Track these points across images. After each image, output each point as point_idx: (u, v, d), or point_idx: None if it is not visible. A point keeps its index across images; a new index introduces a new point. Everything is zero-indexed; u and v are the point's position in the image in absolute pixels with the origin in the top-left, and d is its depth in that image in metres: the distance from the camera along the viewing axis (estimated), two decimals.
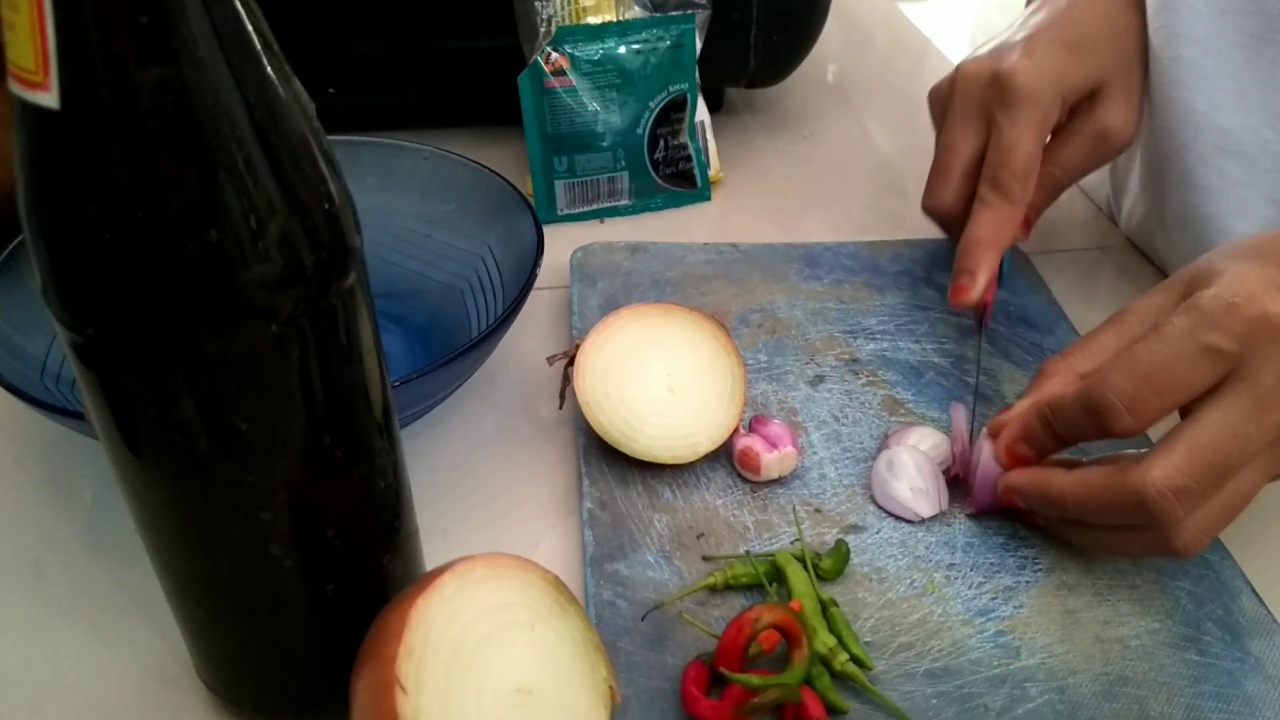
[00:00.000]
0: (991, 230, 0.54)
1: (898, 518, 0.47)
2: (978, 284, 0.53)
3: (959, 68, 0.57)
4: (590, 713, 0.34)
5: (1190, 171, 0.57)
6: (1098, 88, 0.55)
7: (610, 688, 0.35)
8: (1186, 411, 0.40)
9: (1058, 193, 0.57)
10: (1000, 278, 0.56)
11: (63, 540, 0.47)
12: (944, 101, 0.57)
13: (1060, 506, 0.43)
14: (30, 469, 0.51)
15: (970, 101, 0.56)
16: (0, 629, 0.43)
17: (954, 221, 0.57)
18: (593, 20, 0.65)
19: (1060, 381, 0.44)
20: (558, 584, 0.36)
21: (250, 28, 0.26)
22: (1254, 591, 0.44)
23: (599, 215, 0.69)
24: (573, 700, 0.34)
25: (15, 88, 0.25)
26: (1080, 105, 0.56)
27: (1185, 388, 0.39)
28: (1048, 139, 0.55)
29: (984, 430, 0.47)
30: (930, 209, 0.58)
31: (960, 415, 0.50)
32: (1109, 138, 0.55)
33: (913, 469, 0.47)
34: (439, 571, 0.34)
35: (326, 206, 0.29)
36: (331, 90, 0.69)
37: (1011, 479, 0.45)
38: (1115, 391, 0.39)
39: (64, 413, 0.41)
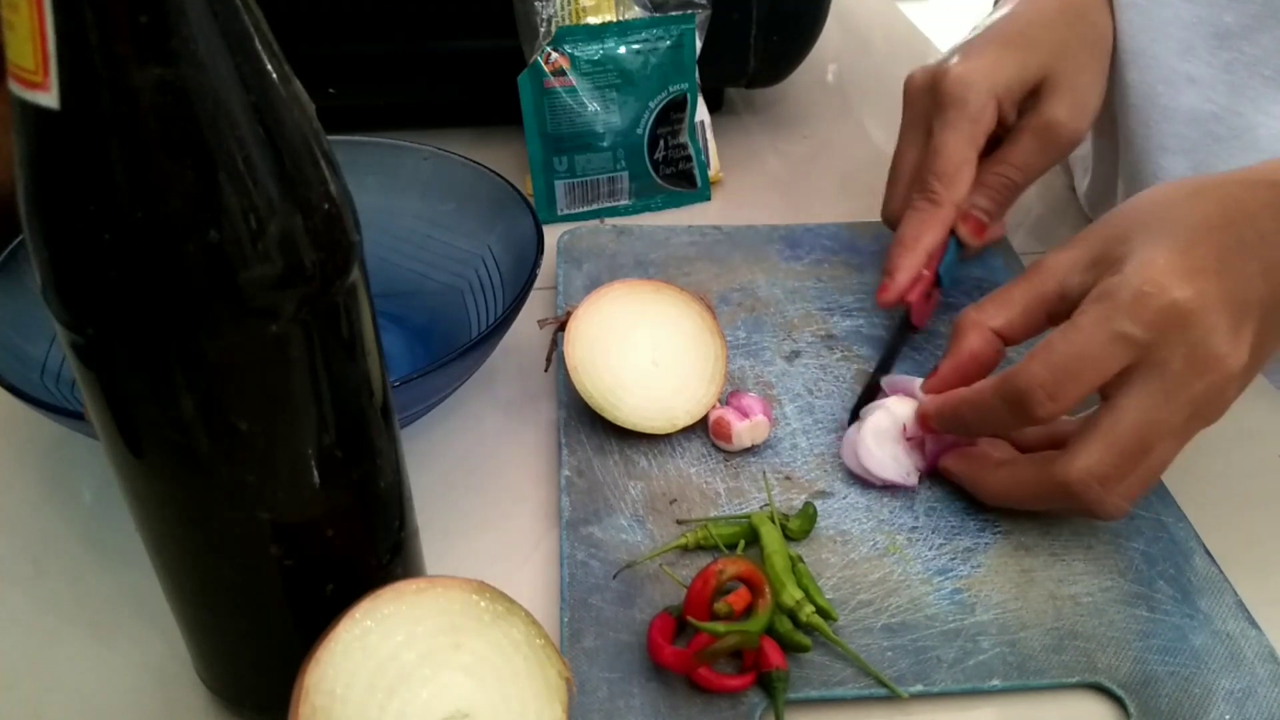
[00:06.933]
0: (912, 232, 0.54)
1: (866, 483, 0.48)
2: (895, 284, 0.54)
3: (908, 78, 0.57)
4: (542, 713, 0.33)
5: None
6: (1042, 80, 0.54)
7: (565, 680, 0.34)
8: (1102, 392, 0.42)
9: (1012, 193, 0.56)
10: (939, 281, 0.55)
11: (63, 540, 0.47)
12: None
13: (994, 499, 0.46)
14: (30, 469, 0.51)
15: (914, 110, 0.56)
16: (0, 629, 0.43)
17: None
18: (593, 20, 0.65)
19: (976, 337, 0.46)
20: (486, 591, 0.34)
21: (250, 27, 0.26)
22: (1207, 552, 0.46)
23: (599, 215, 0.69)
24: (519, 708, 0.33)
25: (15, 88, 0.25)
26: (1029, 100, 0.55)
27: (1100, 372, 0.41)
28: (982, 141, 0.54)
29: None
30: (884, 218, 0.59)
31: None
32: (1054, 130, 0.54)
33: (894, 438, 0.48)
34: (339, 618, 0.32)
35: (326, 206, 0.29)
36: (331, 90, 0.69)
37: (948, 464, 0.48)
38: (1036, 380, 0.41)
39: (64, 413, 0.41)
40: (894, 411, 0.49)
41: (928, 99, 0.55)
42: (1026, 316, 0.45)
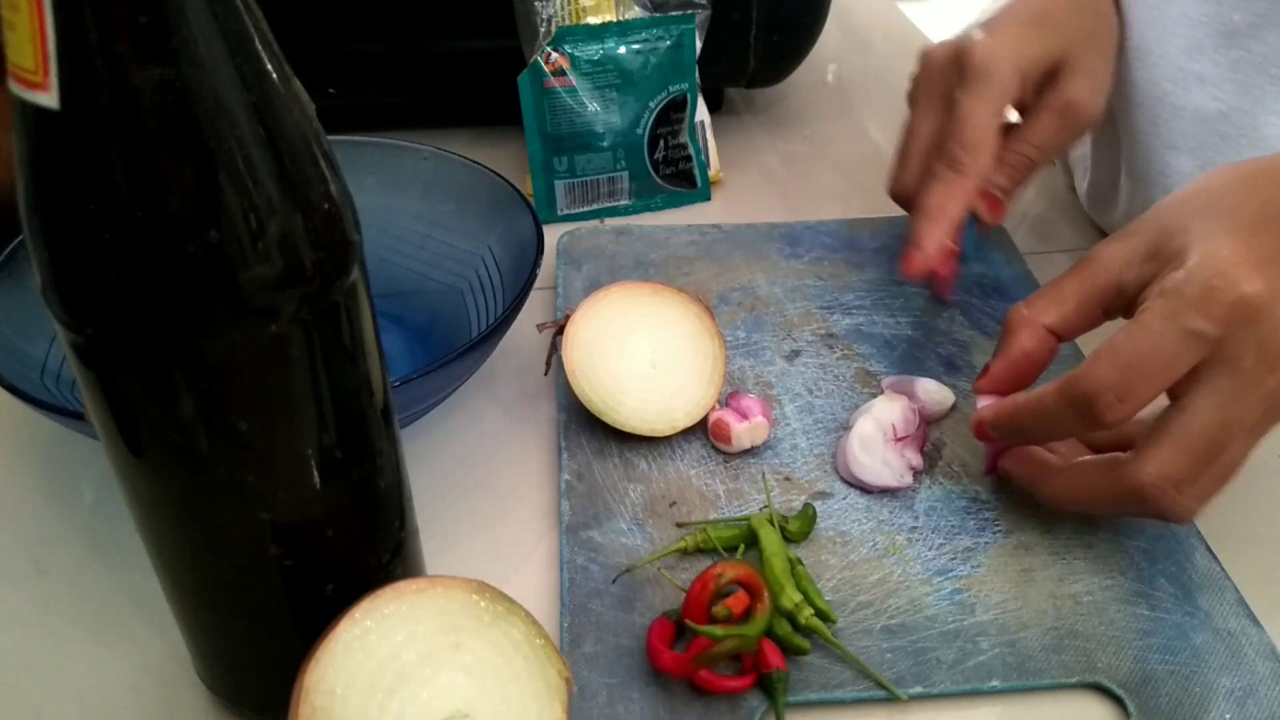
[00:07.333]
0: (938, 202, 0.53)
1: (864, 489, 0.48)
2: (924, 255, 0.53)
3: (923, 53, 0.56)
4: (542, 713, 0.33)
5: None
6: (1062, 62, 0.54)
7: (565, 680, 0.34)
8: (1170, 392, 0.40)
9: (1028, 172, 0.55)
10: (963, 255, 0.55)
11: (63, 540, 0.47)
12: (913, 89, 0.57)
13: (1058, 503, 0.44)
14: (30, 469, 0.51)
15: (932, 84, 0.55)
16: (1, 629, 0.43)
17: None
18: (593, 20, 0.65)
19: (1029, 336, 0.45)
20: (486, 591, 0.34)
21: (250, 27, 0.26)
22: (1208, 549, 0.46)
23: (599, 215, 0.69)
24: (519, 708, 0.33)
25: (15, 88, 0.25)
26: (1047, 81, 0.55)
27: (1170, 372, 0.39)
28: (1007, 117, 0.54)
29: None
30: (893, 193, 0.58)
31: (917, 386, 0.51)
32: (1074, 111, 0.54)
33: (882, 442, 0.48)
34: (339, 618, 0.32)
35: (326, 206, 0.29)
36: (331, 90, 0.69)
37: (1008, 466, 0.47)
38: (1104, 384, 0.39)
39: (64, 413, 0.41)
40: (879, 417, 0.49)
41: (951, 71, 0.54)
42: (1081, 312, 0.44)
